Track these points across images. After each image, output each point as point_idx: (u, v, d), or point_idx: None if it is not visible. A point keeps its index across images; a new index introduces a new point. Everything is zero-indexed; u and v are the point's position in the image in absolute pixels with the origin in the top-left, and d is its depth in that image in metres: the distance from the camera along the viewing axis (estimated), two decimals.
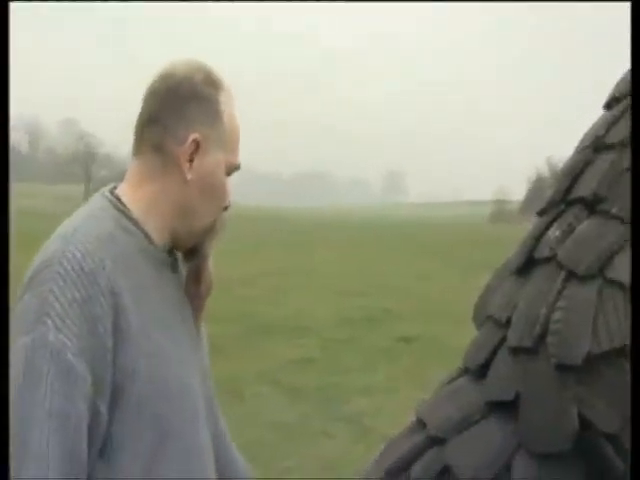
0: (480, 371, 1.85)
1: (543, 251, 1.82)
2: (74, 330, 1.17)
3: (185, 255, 1.44)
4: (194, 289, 1.41)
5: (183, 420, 1.35)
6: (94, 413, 1.22)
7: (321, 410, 5.67)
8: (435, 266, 18.52)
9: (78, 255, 1.20)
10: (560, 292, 1.73)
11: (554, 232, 1.84)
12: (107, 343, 1.21)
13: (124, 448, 1.26)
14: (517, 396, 1.71)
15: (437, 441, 1.81)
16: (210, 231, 1.39)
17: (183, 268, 1.47)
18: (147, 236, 1.34)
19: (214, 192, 1.37)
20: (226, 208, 1.42)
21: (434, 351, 6.31)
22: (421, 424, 1.90)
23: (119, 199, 1.35)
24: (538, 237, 1.87)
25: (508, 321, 1.82)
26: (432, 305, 11.77)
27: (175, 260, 1.43)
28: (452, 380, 1.99)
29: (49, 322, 1.17)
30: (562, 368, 1.65)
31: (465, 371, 1.95)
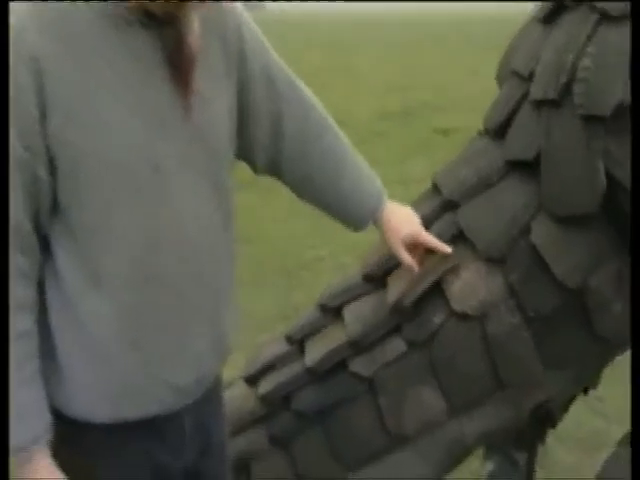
0: (500, 131, 1.70)
1: None
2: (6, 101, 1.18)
3: (163, 23, 1.24)
4: (175, 60, 1.26)
5: (135, 192, 1.24)
6: (35, 178, 1.21)
7: None
8: (482, 60, 17.76)
9: (13, 32, 1.18)
10: (590, 37, 1.52)
11: None
12: (32, 111, 1.18)
13: (71, 214, 1.24)
14: (539, 155, 1.57)
15: (451, 205, 1.70)
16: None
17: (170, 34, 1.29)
18: None
19: None
20: None
21: None
22: (437, 189, 1.78)
23: None
24: None
25: (532, 74, 1.64)
26: (475, 98, 11.28)
27: (152, 21, 1.23)
28: (471, 143, 1.85)
29: None
30: (589, 120, 1.49)
31: (485, 133, 1.80)
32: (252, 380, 1.82)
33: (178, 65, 1.25)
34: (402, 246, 1.56)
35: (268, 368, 1.80)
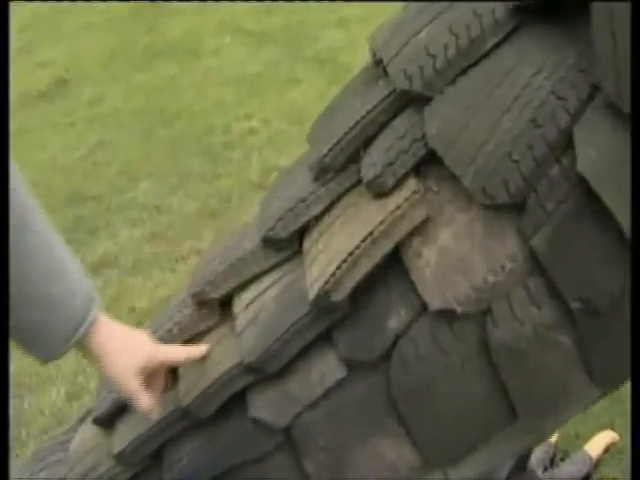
0: None
1: None
2: None
3: None
4: None
5: None
6: None
7: (289, 54, 4.75)
8: None
9: None
10: None
11: None
12: None
13: None
14: None
15: (411, 100, 0.89)
16: None
17: None
18: None
19: None
20: None
21: None
22: (380, 69, 0.96)
23: None
24: None
25: None
26: None
27: None
28: None
29: None
30: None
31: None
32: (104, 424, 1.07)
33: None
34: (136, 380, 0.92)
35: (121, 408, 1.04)
